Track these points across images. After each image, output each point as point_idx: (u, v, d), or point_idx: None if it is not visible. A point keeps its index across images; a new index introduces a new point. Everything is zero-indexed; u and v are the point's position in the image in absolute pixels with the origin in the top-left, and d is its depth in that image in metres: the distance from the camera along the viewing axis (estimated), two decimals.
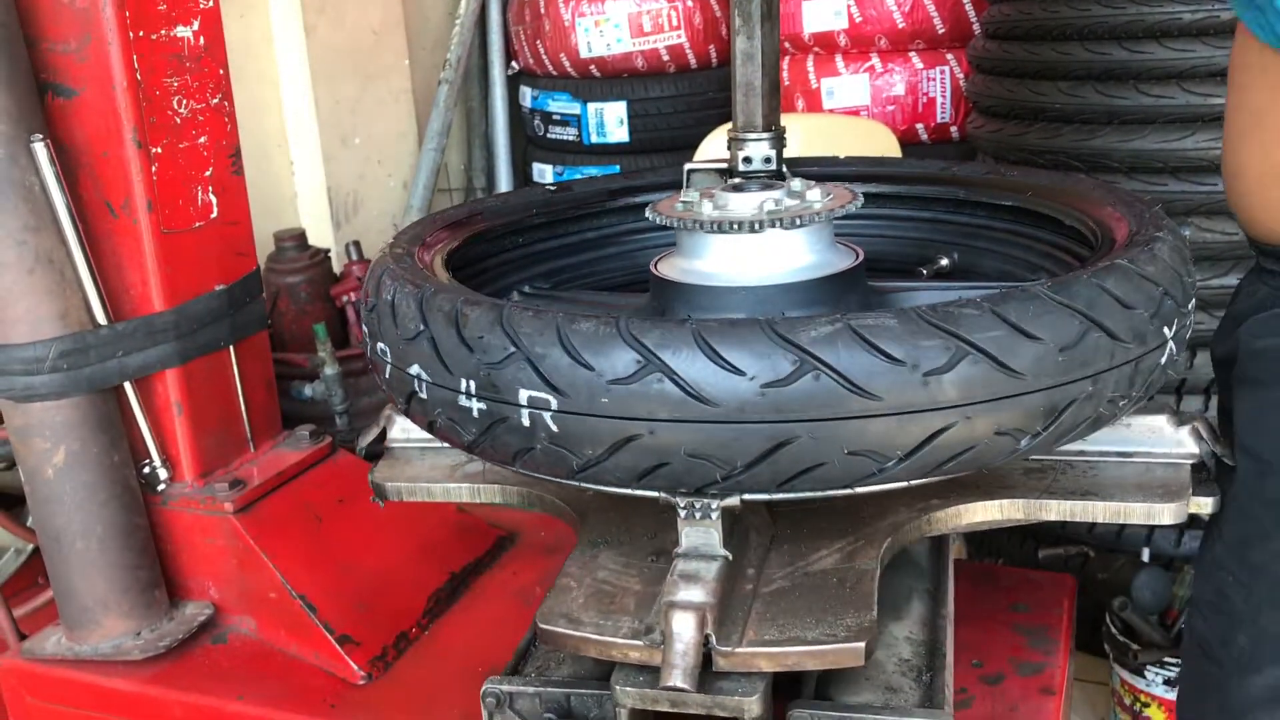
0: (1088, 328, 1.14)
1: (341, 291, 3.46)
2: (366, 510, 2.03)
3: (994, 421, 1.13)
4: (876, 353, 1.08)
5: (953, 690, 1.34)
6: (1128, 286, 1.18)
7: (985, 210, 1.81)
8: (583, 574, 1.32)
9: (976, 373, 1.09)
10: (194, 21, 1.88)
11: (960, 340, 1.09)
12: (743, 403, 1.09)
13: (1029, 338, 1.11)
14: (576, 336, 1.14)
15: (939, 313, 1.10)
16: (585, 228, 1.93)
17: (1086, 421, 1.20)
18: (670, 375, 1.10)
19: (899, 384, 1.08)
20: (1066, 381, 1.14)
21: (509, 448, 1.22)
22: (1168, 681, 2.71)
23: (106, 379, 1.84)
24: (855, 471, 1.13)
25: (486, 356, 1.18)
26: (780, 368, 1.08)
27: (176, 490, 1.96)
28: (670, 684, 1.13)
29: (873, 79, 3.83)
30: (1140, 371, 1.21)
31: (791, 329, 1.09)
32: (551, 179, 4.48)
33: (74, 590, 1.88)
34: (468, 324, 1.21)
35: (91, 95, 1.81)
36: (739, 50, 1.84)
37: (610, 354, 1.12)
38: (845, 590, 1.24)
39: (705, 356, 1.09)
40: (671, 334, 1.11)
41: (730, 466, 1.13)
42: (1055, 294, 1.14)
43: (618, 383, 1.11)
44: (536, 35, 4.32)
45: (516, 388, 1.16)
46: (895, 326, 1.09)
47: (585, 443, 1.16)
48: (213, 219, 1.96)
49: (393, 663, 1.86)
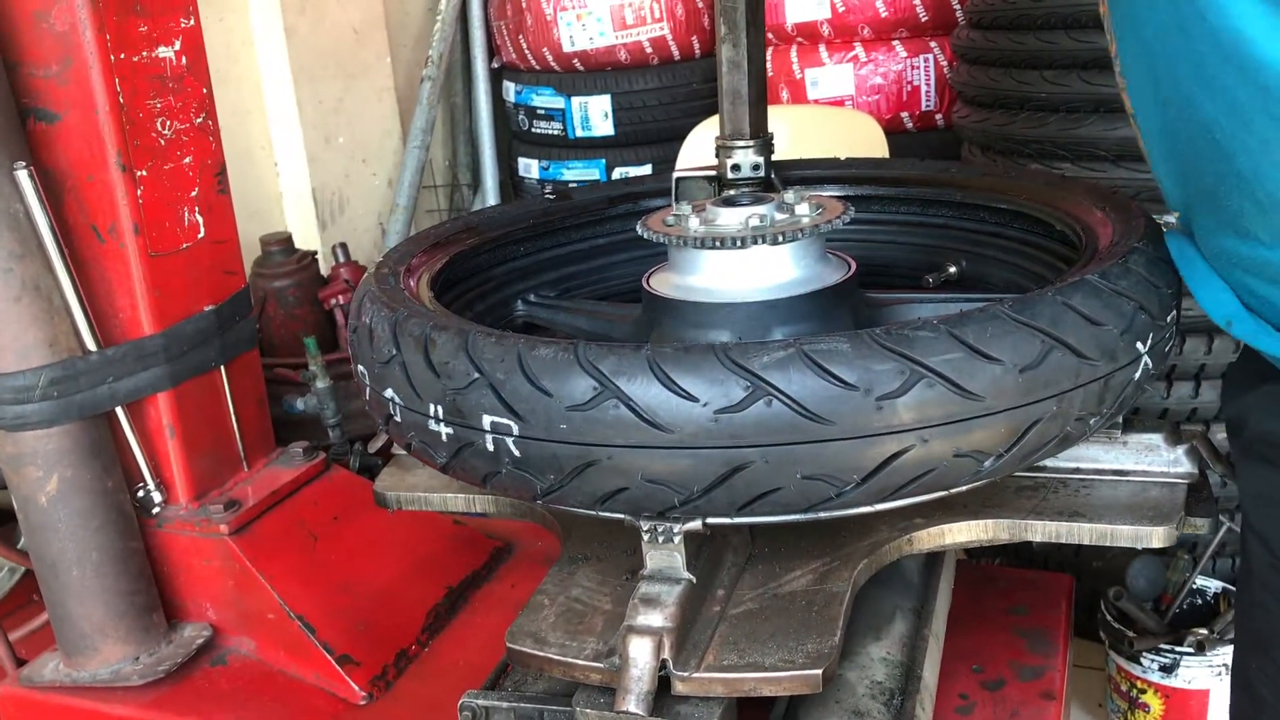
0: (1050, 347, 1.13)
1: (330, 295, 3.44)
2: (362, 527, 2.03)
3: (953, 444, 1.12)
4: (829, 377, 1.08)
5: (930, 713, 1.35)
6: (1095, 303, 1.17)
7: (978, 213, 1.81)
8: (558, 591, 1.34)
9: (932, 396, 1.09)
10: (175, 42, 1.86)
11: (914, 363, 1.09)
12: (697, 429, 1.10)
13: (987, 359, 1.11)
14: (536, 363, 1.15)
15: (893, 335, 1.10)
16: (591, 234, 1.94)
17: (1053, 441, 1.19)
18: (626, 401, 1.11)
19: (851, 409, 1.08)
20: (1029, 402, 1.13)
21: (477, 471, 1.24)
22: (1163, 668, 2.72)
23: (98, 405, 1.83)
24: (812, 495, 1.14)
25: (452, 382, 1.19)
26: (733, 394, 1.09)
27: (171, 513, 1.96)
28: (624, 709, 1.15)
29: (857, 68, 3.81)
30: (1111, 389, 1.20)
31: (744, 354, 1.10)
32: (537, 174, 4.46)
33: (71, 617, 1.88)
34: (435, 349, 1.22)
35: (74, 119, 1.80)
36: (725, 58, 1.83)
37: (568, 380, 1.13)
38: (812, 614, 1.25)
39: (660, 383, 1.10)
40: (627, 360, 1.12)
41: (687, 491, 1.14)
42: (1016, 313, 1.13)
43: (575, 409, 1.13)
44: (518, 30, 4.29)
45: (480, 413, 1.18)
46: (848, 350, 1.09)
47: (547, 467, 1.17)
48: (200, 239, 1.95)
49: (393, 682, 1.86)
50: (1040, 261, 1.68)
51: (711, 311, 1.47)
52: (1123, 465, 1.43)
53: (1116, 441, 1.44)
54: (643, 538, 1.22)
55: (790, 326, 1.45)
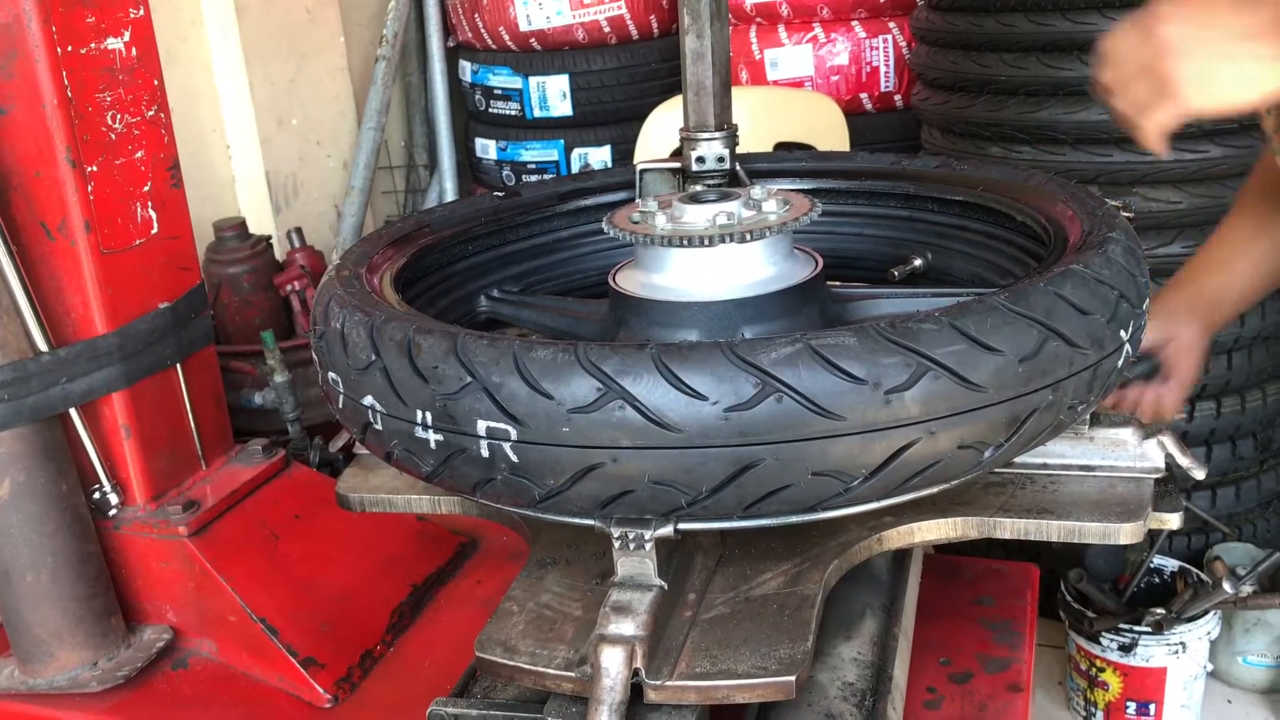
0: (1046, 337, 1.14)
1: (285, 281, 3.40)
2: (324, 525, 2.00)
3: (957, 435, 1.13)
4: (838, 373, 1.07)
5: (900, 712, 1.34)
6: (1084, 293, 1.18)
7: (936, 205, 1.80)
8: (526, 598, 1.32)
9: (938, 388, 1.09)
10: (125, 33, 1.81)
11: (921, 356, 1.09)
12: (706, 428, 1.08)
13: (989, 350, 1.11)
14: (535, 365, 1.12)
15: (898, 329, 1.10)
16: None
17: (1048, 429, 1.20)
18: (632, 402, 1.08)
19: (861, 403, 1.08)
20: (1028, 392, 1.14)
21: (469, 478, 1.20)
22: (1122, 647, 2.76)
23: (51, 407, 1.79)
24: (821, 492, 1.13)
25: (442, 387, 1.16)
26: (743, 391, 1.07)
27: (129, 514, 1.92)
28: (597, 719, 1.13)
29: (816, 49, 3.80)
30: (1099, 376, 1.21)
31: (752, 351, 1.08)
32: (495, 154, 4.41)
33: (26, 624, 1.84)
34: (421, 354, 1.19)
35: (20, 114, 1.75)
36: (689, 49, 1.81)
37: (570, 382, 1.10)
38: (784, 618, 1.23)
39: (667, 382, 1.08)
40: (632, 360, 1.09)
41: (695, 492, 1.12)
42: (1013, 304, 1.13)
43: (578, 411, 1.10)
44: (475, 9, 4.23)
45: (474, 418, 1.15)
46: (855, 345, 1.08)
47: (547, 472, 1.14)
48: (153, 235, 1.91)
49: (358, 683, 1.84)
50: (1005, 255, 1.68)
51: (681, 310, 1.46)
52: (1090, 461, 1.43)
53: (1084, 437, 1.44)
54: (614, 544, 1.20)
55: (759, 325, 1.44)
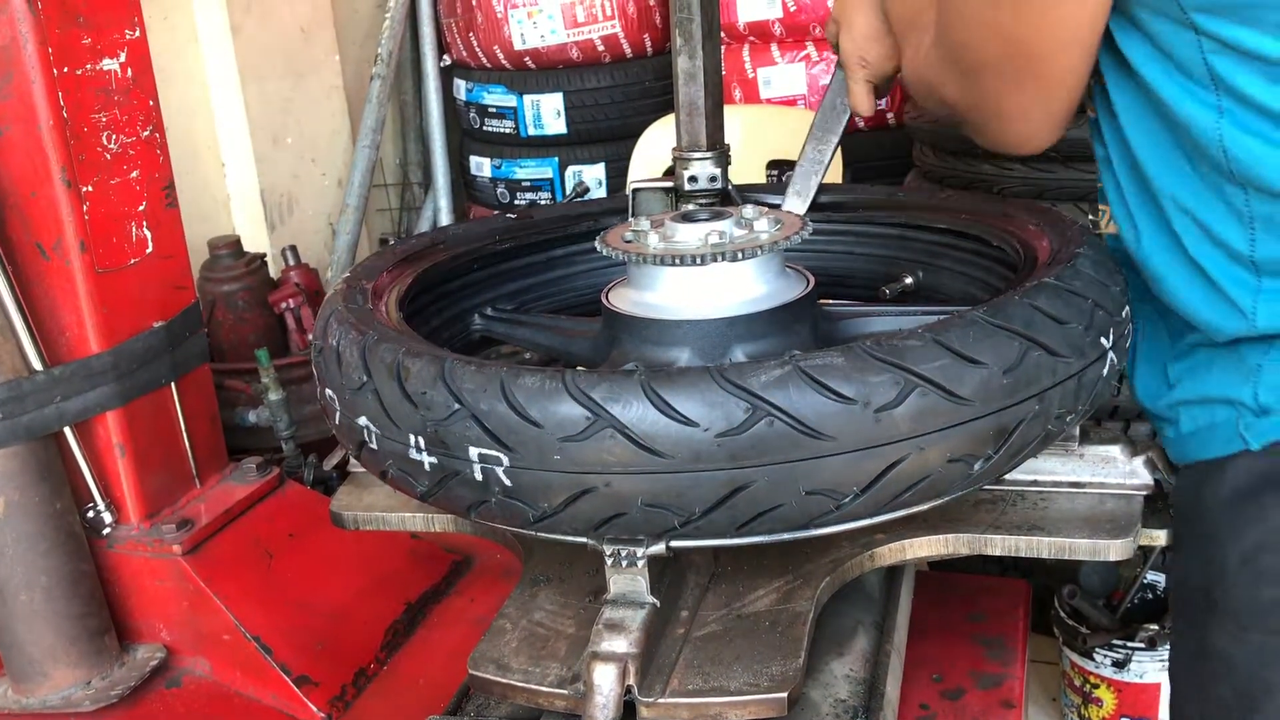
0: (1028, 347, 1.15)
1: (279, 299, 3.41)
2: (318, 544, 2.00)
3: (946, 449, 1.13)
4: (828, 393, 1.08)
5: None
6: (1058, 303, 1.19)
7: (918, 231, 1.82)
8: (519, 615, 1.32)
9: (926, 404, 1.10)
10: (120, 54, 1.83)
11: (908, 373, 1.10)
12: (698, 453, 1.08)
13: (973, 363, 1.12)
14: (522, 392, 1.12)
15: (884, 347, 1.11)
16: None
17: (1036, 440, 1.20)
18: (622, 430, 1.09)
19: (852, 422, 1.08)
20: (1014, 403, 1.15)
21: (463, 500, 1.21)
22: (1116, 663, 2.77)
23: (45, 425, 1.79)
24: (812, 510, 1.14)
25: (432, 413, 1.17)
26: (734, 416, 1.08)
27: (123, 533, 1.93)
28: None
29: (809, 68, 3.82)
30: (1084, 385, 1.22)
31: (742, 375, 1.09)
32: (489, 172, 4.43)
33: (19, 643, 1.84)
34: (410, 378, 1.19)
35: (16, 135, 1.76)
36: (681, 70, 1.82)
37: (558, 410, 1.10)
38: (776, 635, 1.24)
39: (656, 409, 1.09)
40: (620, 387, 1.09)
41: (688, 513, 1.13)
42: (992, 317, 1.15)
43: (569, 440, 1.10)
44: (469, 27, 4.25)
45: (465, 445, 1.15)
46: (843, 364, 1.09)
47: (540, 496, 1.15)
48: (148, 254, 1.91)
49: (352, 702, 1.84)
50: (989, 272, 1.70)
51: (672, 329, 1.46)
52: (1080, 477, 1.43)
53: (1073, 454, 1.45)
54: (606, 562, 1.21)
55: (751, 343, 1.45)
